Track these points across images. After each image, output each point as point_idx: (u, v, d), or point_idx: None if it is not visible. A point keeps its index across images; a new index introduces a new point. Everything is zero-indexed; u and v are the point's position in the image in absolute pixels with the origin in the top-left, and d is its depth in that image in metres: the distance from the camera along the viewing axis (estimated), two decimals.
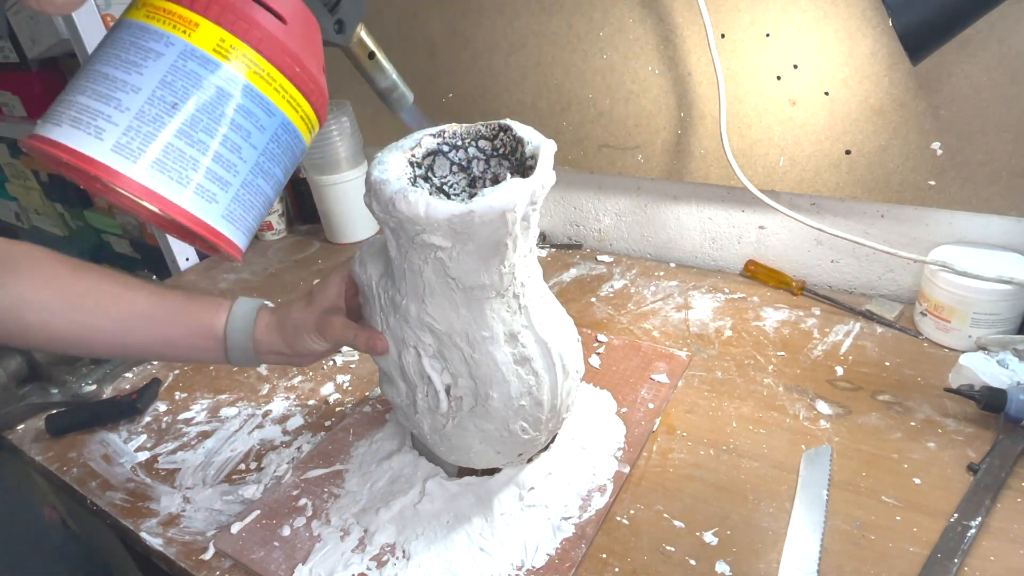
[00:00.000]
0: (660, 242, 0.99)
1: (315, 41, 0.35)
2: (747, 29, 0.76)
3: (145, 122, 0.29)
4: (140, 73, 0.29)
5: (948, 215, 0.76)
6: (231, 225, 0.32)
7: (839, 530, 0.53)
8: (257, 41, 0.31)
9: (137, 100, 0.29)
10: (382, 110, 1.17)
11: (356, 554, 0.55)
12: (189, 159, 0.29)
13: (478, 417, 0.53)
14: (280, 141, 0.33)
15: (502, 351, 0.50)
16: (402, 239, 0.47)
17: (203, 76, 0.29)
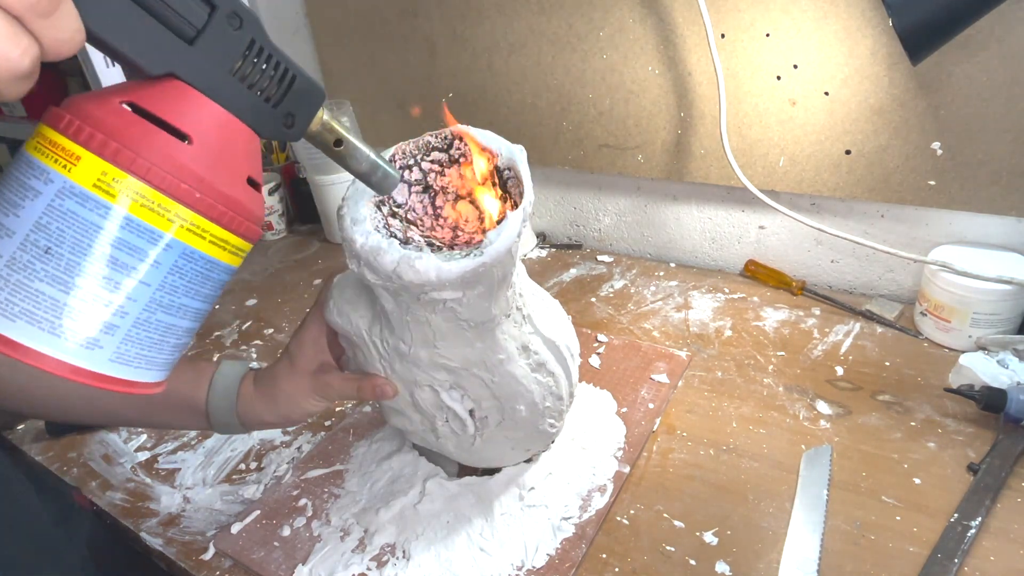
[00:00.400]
0: (660, 242, 0.99)
1: (239, 150, 0.31)
2: (747, 29, 0.76)
3: (15, 270, 0.26)
4: (16, 215, 0.26)
5: (948, 215, 0.76)
6: (125, 367, 0.29)
7: (839, 530, 0.53)
8: (145, 171, 0.27)
9: (9, 245, 0.26)
10: (382, 110, 1.18)
11: (356, 554, 0.55)
12: (63, 307, 0.27)
13: (506, 429, 0.53)
14: (184, 272, 0.30)
15: (519, 366, 0.50)
16: (403, 297, 0.45)
17: (80, 215, 0.26)
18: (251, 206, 0.32)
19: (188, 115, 0.29)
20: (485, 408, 0.51)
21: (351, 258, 0.44)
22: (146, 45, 0.27)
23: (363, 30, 1.06)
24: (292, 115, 0.33)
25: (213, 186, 0.29)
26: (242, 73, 0.30)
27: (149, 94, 0.28)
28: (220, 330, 0.91)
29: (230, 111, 0.31)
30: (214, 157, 0.30)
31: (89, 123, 0.27)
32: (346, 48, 1.10)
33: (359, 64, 1.10)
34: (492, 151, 0.50)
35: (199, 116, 0.29)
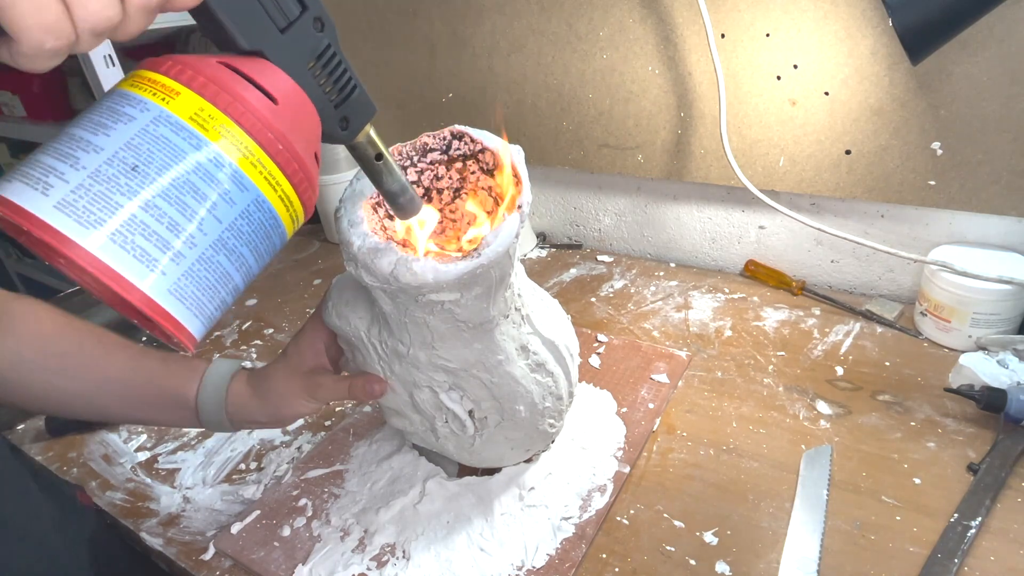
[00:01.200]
0: (660, 242, 0.99)
1: (310, 127, 0.34)
2: (747, 29, 0.76)
3: (98, 181, 0.27)
4: (107, 135, 0.28)
5: (948, 215, 0.76)
6: (179, 303, 0.29)
7: (839, 530, 0.53)
8: (239, 115, 0.29)
9: (95, 159, 0.27)
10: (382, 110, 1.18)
11: (356, 554, 0.55)
12: (139, 223, 0.27)
13: (506, 429, 0.53)
14: (252, 219, 0.31)
15: (518, 367, 0.50)
16: (401, 299, 0.45)
17: (172, 142, 0.28)
18: (315, 177, 0.35)
19: (275, 84, 0.31)
20: (484, 409, 0.51)
21: (348, 260, 0.44)
22: (246, 23, 0.30)
23: (363, 30, 1.06)
24: (347, 120, 0.36)
25: (292, 145, 0.32)
26: (316, 70, 0.33)
27: (242, 61, 0.30)
28: (220, 330, 0.91)
29: (309, 95, 0.33)
30: (294, 122, 0.32)
31: (191, 67, 0.29)
32: (346, 48, 1.10)
33: (359, 64, 1.10)
34: (496, 152, 0.49)
35: (284, 87, 0.32)
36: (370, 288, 0.45)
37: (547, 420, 0.54)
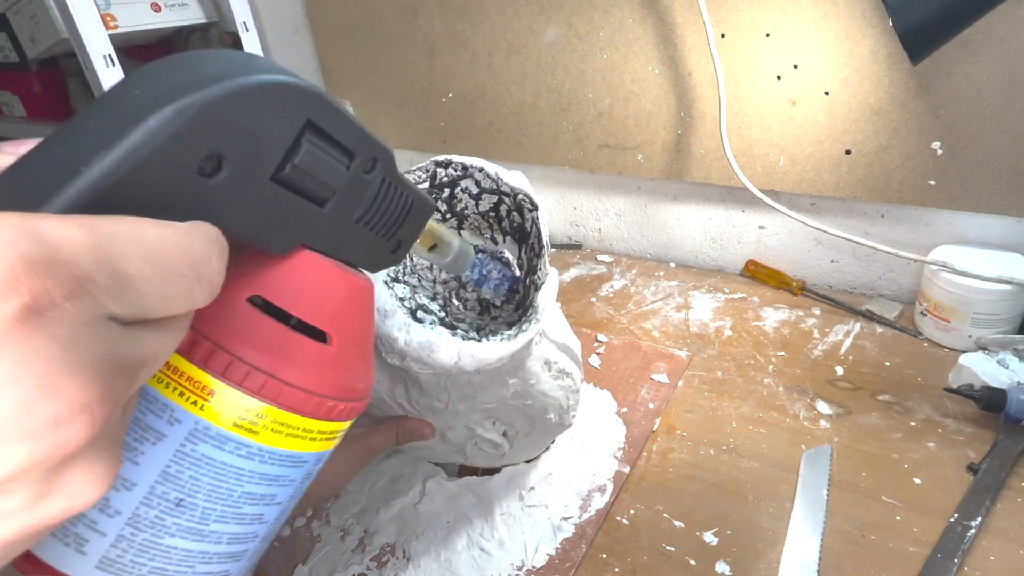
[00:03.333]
0: (660, 242, 0.99)
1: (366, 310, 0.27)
2: (747, 29, 0.76)
3: (140, 528, 0.21)
4: (135, 462, 0.22)
5: (948, 215, 0.76)
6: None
7: (839, 530, 0.53)
8: (296, 403, 0.23)
9: (130, 501, 0.21)
10: (382, 110, 1.18)
11: (356, 554, 0.55)
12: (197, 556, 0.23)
13: (536, 436, 0.53)
14: (312, 474, 0.27)
15: (546, 381, 0.49)
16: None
17: (218, 460, 0.22)
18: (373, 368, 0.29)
19: (324, 301, 0.25)
20: (517, 427, 0.51)
21: (390, 354, 0.41)
22: (277, 226, 0.23)
23: (363, 30, 1.06)
24: (401, 241, 0.30)
25: (354, 387, 0.26)
26: (367, 218, 0.27)
27: (279, 284, 0.24)
28: None
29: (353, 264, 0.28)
30: (351, 347, 0.26)
31: (223, 343, 0.22)
32: (346, 48, 1.10)
33: (359, 64, 1.10)
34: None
35: (334, 297, 0.25)
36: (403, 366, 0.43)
37: (571, 414, 0.55)
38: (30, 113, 1.31)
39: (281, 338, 0.23)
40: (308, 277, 0.25)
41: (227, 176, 0.20)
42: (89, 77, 0.99)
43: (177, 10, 1.17)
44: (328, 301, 0.25)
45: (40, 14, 1.08)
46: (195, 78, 0.19)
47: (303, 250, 0.25)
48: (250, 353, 0.22)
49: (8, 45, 1.20)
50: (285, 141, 0.22)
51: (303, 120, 0.22)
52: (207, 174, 0.19)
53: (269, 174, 0.22)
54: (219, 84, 0.19)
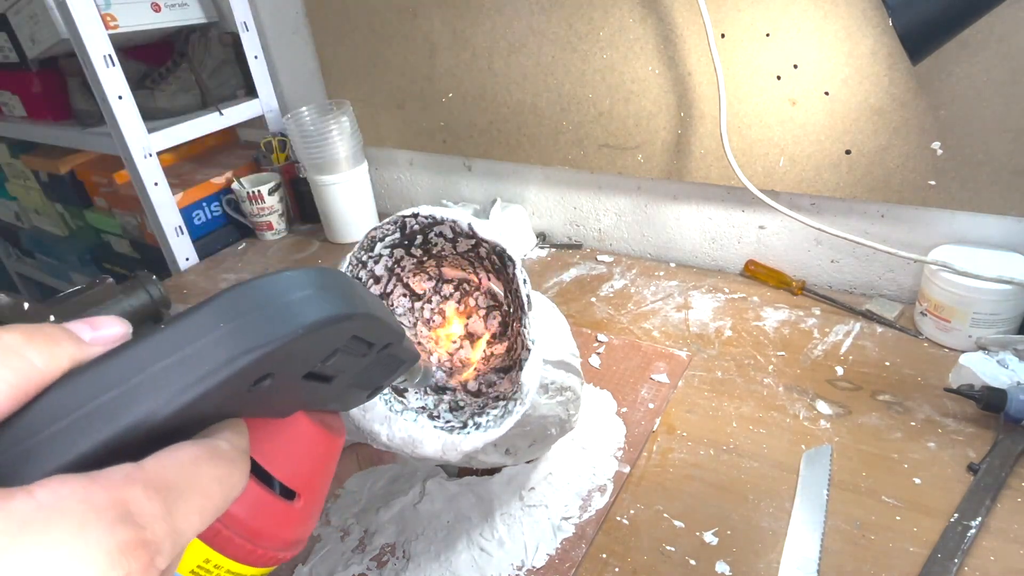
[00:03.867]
0: (660, 242, 0.99)
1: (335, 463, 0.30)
2: (747, 29, 0.76)
3: None
4: None
5: (948, 215, 0.76)
6: None
7: (839, 530, 0.53)
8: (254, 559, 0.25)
9: None
10: (382, 110, 1.18)
11: (356, 554, 0.55)
12: None
13: (537, 446, 0.53)
14: None
15: (544, 404, 0.49)
16: None
17: None
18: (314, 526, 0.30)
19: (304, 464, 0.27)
20: (519, 445, 0.51)
21: (374, 443, 0.43)
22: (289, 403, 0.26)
23: (363, 30, 1.06)
24: (379, 386, 0.32)
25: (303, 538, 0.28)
26: (362, 382, 0.29)
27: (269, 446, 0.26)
28: None
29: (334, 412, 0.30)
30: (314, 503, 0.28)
31: None
32: (346, 48, 1.10)
33: (359, 64, 1.10)
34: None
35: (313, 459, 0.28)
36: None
37: (572, 420, 0.55)
38: (30, 113, 1.31)
39: (259, 501, 0.25)
40: (296, 443, 0.27)
41: (269, 384, 0.22)
42: (89, 77, 0.99)
43: (177, 10, 1.17)
44: (307, 464, 0.28)
45: (40, 14, 1.08)
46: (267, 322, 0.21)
47: (299, 415, 0.27)
48: (229, 515, 0.24)
49: (8, 45, 1.20)
50: (325, 354, 0.24)
51: (347, 338, 0.25)
52: (254, 385, 0.22)
53: (302, 375, 0.24)
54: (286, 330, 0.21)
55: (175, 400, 0.19)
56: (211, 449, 0.20)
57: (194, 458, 0.19)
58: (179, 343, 0.20)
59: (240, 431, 0.22)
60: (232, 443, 0.21)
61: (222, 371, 0.20)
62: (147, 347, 0.20)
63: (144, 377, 0.19)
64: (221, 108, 1.17)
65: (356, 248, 0.49)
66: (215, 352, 0.20)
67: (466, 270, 0.55)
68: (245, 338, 0.20)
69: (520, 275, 0.46)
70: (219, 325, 0.20)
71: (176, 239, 1.12)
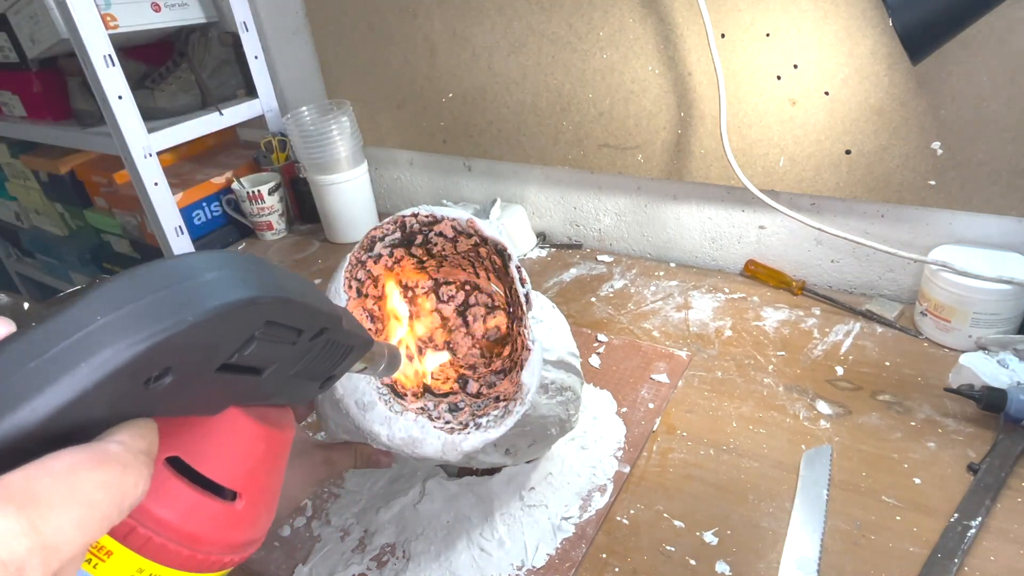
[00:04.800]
0: (660, 242, 0.99)
1: (283, 459, 0.28)
2: (747, 29, 0.76)
3: None
4: None
5: (948, 215, 0.76)
6: None
7: (839, 530, 0.53)
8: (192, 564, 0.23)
9: None
10: (382, 110, 1.18)
11: (356, 554, 0.55)
12: None
13: (538, 446, 0.53)
14: None
15: (544, 405, 0.49)
16: None
17: None
18: (274, 507, 0.28)
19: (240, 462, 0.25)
20: (519, 445, 0.51)
21: (374, 444, 0.43)
22: (213, 399, 0.24)
23: (363, 30, 1.06)
24: (331, 376, 0.30)
25: (250, 539, 0.26)
26: (305, 371, 0.27)
27: (198, 445, 0.25)
28: None
29: (280, 406, 0.28)
30: (258, 503, 0.26)
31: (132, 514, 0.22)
32: (346, 48, 1.10)
33: (359, 64, 1.10)
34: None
35: (251, 456, 0.26)
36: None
37: (573, 420, 0.55)
38: (30, 113, 1.31)
39: (190, 503, 0.24)
40: (230, 439, 0.25)
41: (172, 380, 0.20)
42: (89, 77, 0.99)
43: (177, 10, 1.17)
44: (245, 462, 0.26)
45: (40, 14, 1.08)
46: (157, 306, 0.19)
47: (231, 409, 0.25)
48: (155, 519, 0.23)
49: (8, 45, 1.20)
50: (239, 343, 0.22)
51: (260, 324, 0.22)
52: (152, 381, 0.20)
53: (215, 368, 0.22)
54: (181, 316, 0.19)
55: (48, 404, 0.17)
56: (95, 454, 0.18)
57: (69, 466, 0.18)
58: (53, 340, 0.18)
59: (138, 432, 0.20)
60: (125, 444, 0.19)
61: (100, 370, 0.18)
62: (19, 346, 0.18)
63: (14, 380, 0.17)
64: (221, 108, 1.17)
65: (356, 248, 0.50)
66: (91, 349, 0.18)
67: (466, 270, 0.55)
68: (126, 331, 0.18)
69: (519, 274, 0.46)
70: (96, 318, 0.18)
71: (176, 239, 1.12)
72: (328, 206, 1.10)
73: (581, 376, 0.56)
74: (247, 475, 0.26)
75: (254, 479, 0.26)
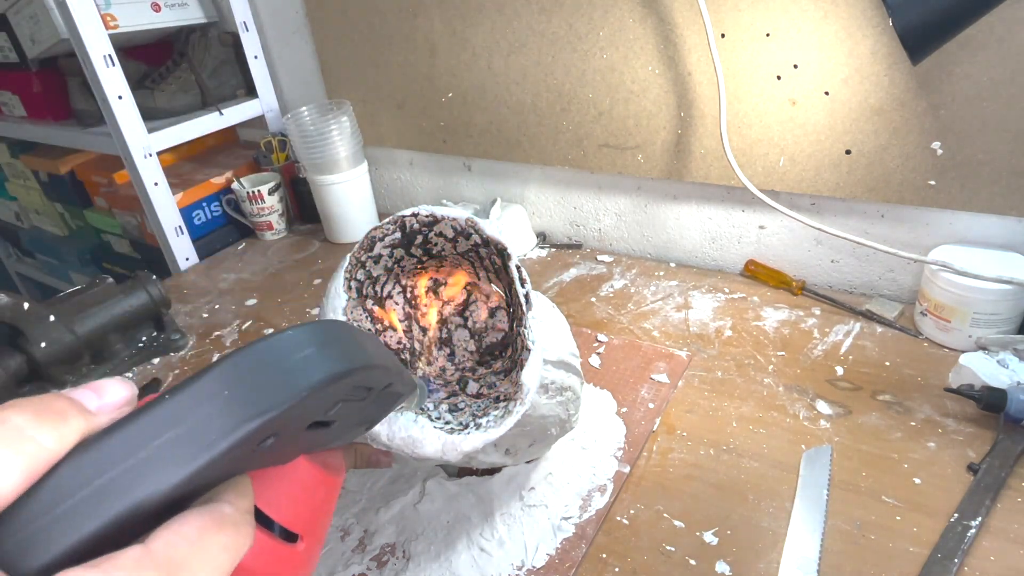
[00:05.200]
0: (660, 242, 0.99)
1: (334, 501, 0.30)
2: (747, 29, 0.76)
3: None
4: None
5: (948, 215, 0.76)
6: None
7: (839, 530, 0.53)
8: None
9: None
10: (382, 110, 1.18)
11: (356, 554, 0.55)
12: None
13: (538, 446, 0.53)
14: None
15: (544, 404, 0.49)
16: None
17: None
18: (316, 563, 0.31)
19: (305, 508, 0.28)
20: (519, 445, 0.51)
21: (374, 443, 0.43)
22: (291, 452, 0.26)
23: (363, 30, 1.06)
24: (375, 419, 0.32)
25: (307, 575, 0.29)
26: (360, 419, 0.30)
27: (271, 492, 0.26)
28: (220, 330, 0.91)
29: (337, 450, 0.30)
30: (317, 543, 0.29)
31: None
32: (346, 48, 1.10)
33: (359, 64, 1.10)
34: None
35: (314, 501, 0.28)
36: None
37: (573, 420, 0.55)
38: (30, 113, 1.31)
39: (262, 546, 0.26)
40: (297, 487, 0.27)
41: (273, 443, 0.23)
42: (89, 77, 0.99)
43: (177, 10, 1.17)
44: (309, 507, 0.28)
45: (40, 14, 1.08)
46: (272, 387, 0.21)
47: (300, 459, 0.28)
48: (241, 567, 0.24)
49: (8, 45, 1.20)
50: (328, 408, 0.25)
51: (348, 390, 0.25)
52: (258, 446, 0.22)
53: (306, 428, 0.25)
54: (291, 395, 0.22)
55: (181, 472, 0.19)
56: (217, 517, 0.20)
57: (200, 530, 0.19)
58: (183, 414, 0.20)
59: (244, 492, 0.22)
60: (236, 506, 0.21)
61: (227, 440, 0.20)
62: (152, 419, 0.20)
63: (150, 452, 0.19)
64: (221, 108, 1.17)
65: (356, 248, 0.50)
66: (220, 422, 0.20)
67: (466, 270, 0.55)
68: (249, 405, 0.21)
69: (519, 274, 0.46)
70: (223, 393, 0.21)
71: (176, 239, 1.12)
72: (328, 206, 1.10)
73: (581, 376, 0.56)
74: (309, 518, 0.28)
75: (314, 522, 0.28)
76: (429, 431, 0.43)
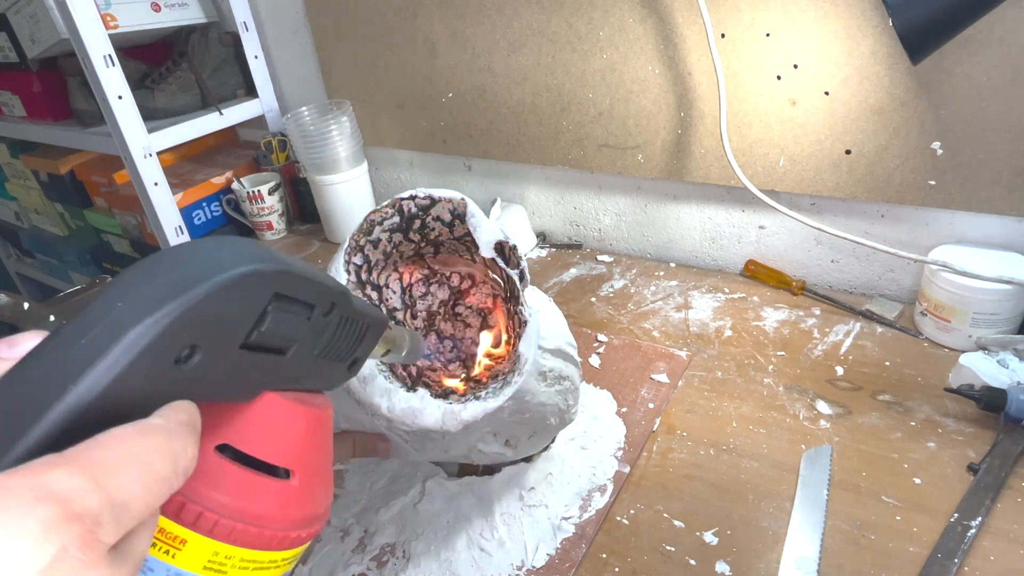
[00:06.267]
0: (660, 242, 0.99)
1: (327, 448, 0.30)
2: (747, 29, 0.76)
3: None
4: None
5: (948, 215, 0.76)
6: None
7: (839, 530, 0.53)
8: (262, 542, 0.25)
9: None
10: (382, 110, 1.18)
11: (356, 554, 0.55)
12: None
13: (538, 438, 0.53)
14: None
15: (543, 392, 0.49)
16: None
17: None
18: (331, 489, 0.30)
19: (286, 441, 0.27)
20: (518, 435, 0.51)
21: (376, 419, 0.43)
22: (244, 382, 0.25)
23: (363, 30, 1.06)
24: (356, 359, 0.32)
25: (315, 514, 0.28)
26: (326, 352, 0.29)
27: (244, 430, 0.26)
28: None
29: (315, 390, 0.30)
30: (312, 477, 0.28)
31: (193, 496, 0.23)
32: (346, 48, 1.10)
33: (359, 64, 1.10)
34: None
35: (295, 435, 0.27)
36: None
37: (572, 412, 0.55)
38: (30, 113, 1.31)
39: (247, 483, 0.25)
40: (271, 421, 0.27)
41: (200, 359, 0.22)
42: (89, 77, 0.99)
43: (177, 10, 1.17)
44: (290, 440, 0.27)
45: (40, 14, 1.08)
46: (170, 285, 0.21)
47: (266, 394, 0.27)
48: (218, 502, 0.24)
49: (8, 45, 1.20)
50: (253, 317, 0.23)
51: (270, 296, 0.24)
52: (182, 361, 0.21)
53: (238, 345, 0.23)
54: (192, 290, 0.21)
55: (94, 386, 0.19)
56: (142, 427, 0.20)
57: (119, 437, 0.19)
58: (82, 331, 0.20)
59: (180, 408, 0.21)
60: (166, 418, 0.21)
61: (131, 350, 0.19)
62: (55, 342, 0.20)
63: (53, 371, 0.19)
64: (221, 108, 1.17)
65: (355, 231, 0.50)
66: (118, 332, 0.19)
67: (463, 256, 0.55)
68: (146, 311, 0.20)
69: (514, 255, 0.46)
70: (117, 304, 0.20)
71: (176, 239, 1.12)
72: (328, 206, 1.10)
73: (579, 367, 0.56)
74: (295, 453, 0.27)
75: (303, 456, 0.28)
76: (429, 401, 0.43)
